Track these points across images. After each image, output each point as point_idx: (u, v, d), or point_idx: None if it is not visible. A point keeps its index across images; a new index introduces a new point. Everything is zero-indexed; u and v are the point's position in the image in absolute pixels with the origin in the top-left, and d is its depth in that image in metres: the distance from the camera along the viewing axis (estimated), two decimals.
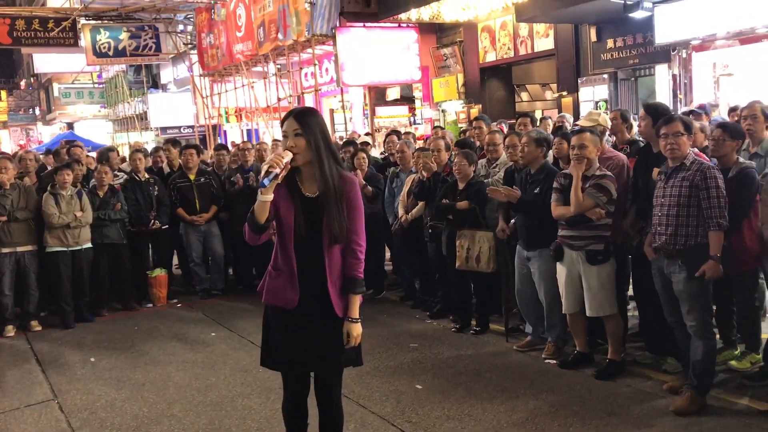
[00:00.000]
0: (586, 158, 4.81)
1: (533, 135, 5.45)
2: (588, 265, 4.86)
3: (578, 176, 4.81)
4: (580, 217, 4.83)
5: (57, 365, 6.07)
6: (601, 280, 4.85)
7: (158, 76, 28.65)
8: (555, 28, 12.55)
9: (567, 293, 5.03)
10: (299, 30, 14.47)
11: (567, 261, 4.98)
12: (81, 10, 19.59)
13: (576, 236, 4.89)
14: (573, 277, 4.97)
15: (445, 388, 4.95)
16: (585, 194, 4.78)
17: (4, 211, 6.96)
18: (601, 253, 4.83)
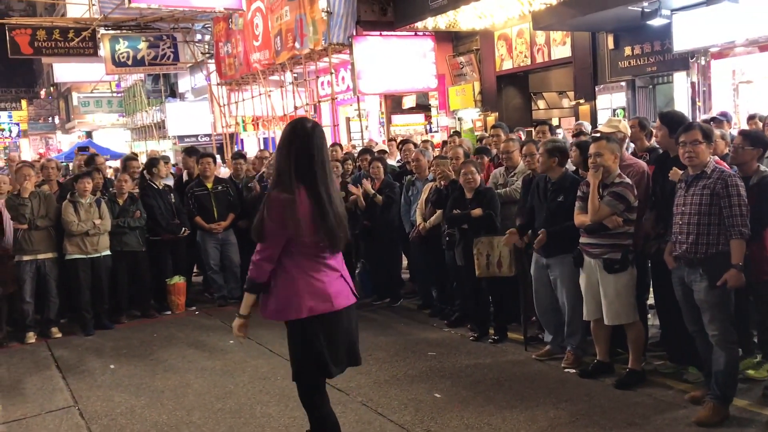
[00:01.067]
0: (603, 166, 4.79)
1: (548, 145, 5.44)
2: (605, 273, 4.83)
3: (595, 184, 4.79)
4: (598, 225, 4.81)
5: (77, 372, 6.12)
6: (617, 289, 4.82)
7: (176, 85, 28.89)
8: (572, 36, 12.51)
9: (587, 300, 5.02)
10: (316, 39, 14.53)
11: (586, 268, 4.97)
12: (101, 20, 19.78)
13: (594, 244, 4.87)
14: (592, 284, 4.94)
15: (463, 396, 4.93)
16: (602, 202, 4.75)
17: (25, 220, 7.04)
18: (618, 261, 4.79)
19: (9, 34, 19.61)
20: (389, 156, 9.84)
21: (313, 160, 3.24)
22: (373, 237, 7.74)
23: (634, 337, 4.93)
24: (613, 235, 4.78)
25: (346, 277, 3.45)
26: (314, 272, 3.30)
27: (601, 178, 4.81)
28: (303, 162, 3.23)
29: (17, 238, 7.10)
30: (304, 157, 3.24)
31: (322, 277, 3.31)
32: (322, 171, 3.25)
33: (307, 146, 3.24)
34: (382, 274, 7.90)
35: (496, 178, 6.51)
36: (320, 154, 3.27)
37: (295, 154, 3.24)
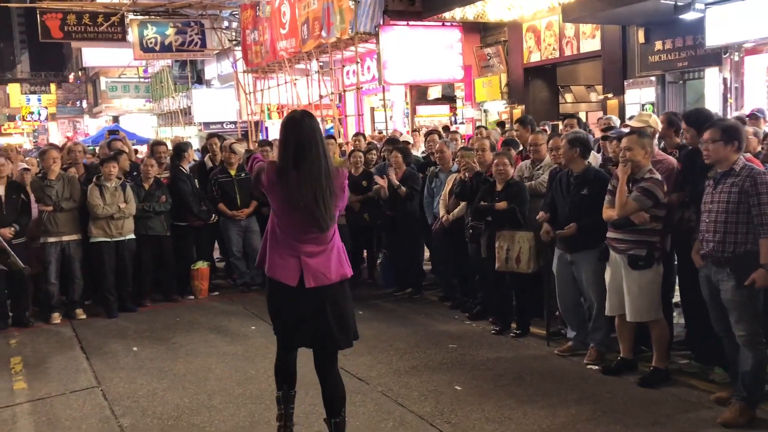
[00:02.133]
0: (632, 161, 4.72)
1: (569, 136, 5.38)
2: (629, 269, 4.77)
3: (623, 179, 4.72)
4: (624, 220, 4.74)
5: (100, 353, 6.19)
6: (641, 286, 4.75)
7: (203, 71, 29.06)
8: (602, 29, 12.35)
9: (610, 295, 4.96)
10: (343, 28, 14.50)
11: (612, 263, 4.91)
12: (129, 5, 19.97)
13: (620, 239, 4.81)
14: (617, 279, 4.88)
15: (484, 390, 4.91)
16: (630, 197, 4.68)
17: (50, 201, 7.12)
18: (643, 258, 4.72)
19: (40, 18, 19.86)
20: (413, 147, 9.80)
21: (301, 147, 3.56)
22: (396, 228, 7.72)
23: (658, 335, 4.87)
24: (640, 231, 4.71)
25: (305, 262, 3.63)
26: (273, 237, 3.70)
27: (631, 172, 4.74)
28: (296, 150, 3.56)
29: (42, 220, 7.19)
30: (295, 143, 3.57)
31: (274, 243, 3.69)
32: (310, 158, 3.55)
33: (298, 135, 3.57)
34: (403, 265, 7.88)
35: (522, 170, 6.45)
36: (309, 141, 3.56)
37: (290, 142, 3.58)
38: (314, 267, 3.63)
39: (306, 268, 3.62)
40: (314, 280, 3.63)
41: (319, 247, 3.65)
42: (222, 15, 21.59)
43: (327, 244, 3.68)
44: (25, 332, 6.97)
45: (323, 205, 3.55)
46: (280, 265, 3.64)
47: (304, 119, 3.61)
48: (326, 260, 3.67)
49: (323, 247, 3.66)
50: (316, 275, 3.63)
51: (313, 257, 3.64)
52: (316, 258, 3.64)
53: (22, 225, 6.96)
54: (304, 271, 3.62)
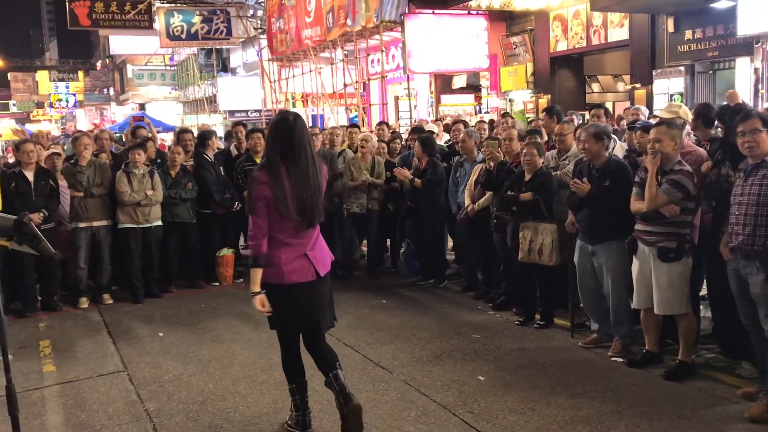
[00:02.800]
0: (662, 152, 4.65)
1: (591, 130, 5.30)
2: (659, 262, 4.72)
3: (653, 171, 4.66)
4: (654, 213, 4.68)
5: (127, 338, 6.28)
6: (671, 279, 4.69)
7: (228, 59, 29.18)
8: (630, 18, 12.18)
9: (638, 288, 4.91)
10: (368, 16, 14.47)
11: (640, 255, 4.85)
12: None
13: (649, 231, 4.74)
14: (645, 272, 4.83)
15: (507, 380, 4.90)
16: (660, 190, 4.62)
17: (81, 187, 7.22)
18: (673, 250, 4.66)
19: (69, 5, 20.08)
20: (437, 136, 9.76)
21: (292, 148, 3.77)
22: (418, 217, 7.71)
23: (686, 328, 4.81)
24: (670, 223, 4.65)
25: (311, 256, 3.89)
26: (276, 248, 3.82)
27: (660, 164, 4.68)
28: (284, 149, 3.77)
29: (73, 206, 7.30)
30: (286, 144, 3.77)
31: (280, 253, 3.82)
32: (299, 157, 3.77)
33: (289, 136, 3.78)
34: (426, 254, 7.87)
35: (548, 160, 6.40)
36: (299, 142, 3.77)
37: (279, 142, 3.78)
38: (318, 257, 3.94)
39: (314, 261, 3.90)
40: (323, 269, 3.95)
41: (312, 238, 3.94)
42: (248, 3, 21.66)
43: (316, 233, 3.98)
44: (53, 316, 7.10)
45: (317, 203, 3.83)
46: (297, 269, 3.85)
47: (293, 123, 3.81)
48: (321, 248, 4.01)
49: (315, 237, 3.97)
50: (323, 263, 3.97)
51: (313, 249, 3.93)
52: (315, 249, 3.95)
53: (50, 210, 7.07)
54: (315, 264, 3.89)
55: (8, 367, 2.63)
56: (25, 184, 6.96)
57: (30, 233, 2.60)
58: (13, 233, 2.56)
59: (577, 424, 4.17)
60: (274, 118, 4.02)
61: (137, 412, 4.62)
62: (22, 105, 57.41)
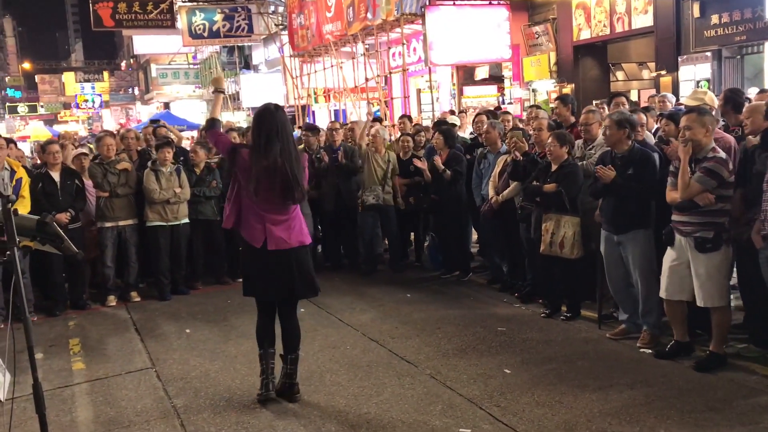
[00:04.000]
0: (693, 140, 4.56)
1: (614, 117, 5.22)
2: (696, 253, 4.62)
3: (685, 159, 4.56)
4: (689, 203, 4.59)
5: (154, 335, 6.34)
6: (708, 270, 4.59)
7: (250, 56, 29.29)
8: (655, 4, 11.97)
9: (671, 279, 4.81)
10: (388, 9, 14.40)
11: (677, 246, 4.75)
12: None
13: (685, 222, 4.65)
14: (681, 263, 4.73)
15: (534, 373, 4.86)
16: (693, 179, 4.53)
17: (107, 187, 7.30)
18: (710, 240, 4.56)
19: (92, 7, 20.30)
20: (460, 128, 9.69)
21: (270, 133, 4.27)
22: (443, 210, 7.67)
23: (720, 320, 4.70)
24: (706, 212, 4.55)
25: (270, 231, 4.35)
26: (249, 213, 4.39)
27: (692, 152, 4.58)
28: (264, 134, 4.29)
29: (99, 206, 7.38)
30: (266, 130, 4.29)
31: (251, 220, 4.39)
32: (276, 141, 4.26)
33: (265, 123, 4.31)
34: (451, 247, 7.83)
35: (574, 151, 6.31)
36: (282, 130, 4.29)
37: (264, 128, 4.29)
38: (276, 234, 4.37)
39: (269, 234, 4.36)
40: (275, 244, 4.37)
41: (281, 216, 4.39)
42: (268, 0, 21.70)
43: (289, 214, 4.44)
44: (82, 314, 7.19)
45: (291, 186, 4.28)
46: (249, 228, 4.40)
47: (271, 110, 4.33)
48: (287, 228, 4.42)
49: (285, 217, 4.41)
50: (278, 241, 4.37)
51: (276, 225, 4.37)
52: (279, 226, 4.38)
53: (77, 210, 7.16)
54: (267, 237, 4.35)
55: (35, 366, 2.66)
56: (51, 185, 7.05)
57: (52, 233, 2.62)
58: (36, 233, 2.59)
59: (605, 416, 4.11)
60: (259, 108, 4.45)
61: (165, 408, 4.66)
62: (49, 106, 58.31)
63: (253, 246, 4.38)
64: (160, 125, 9.83)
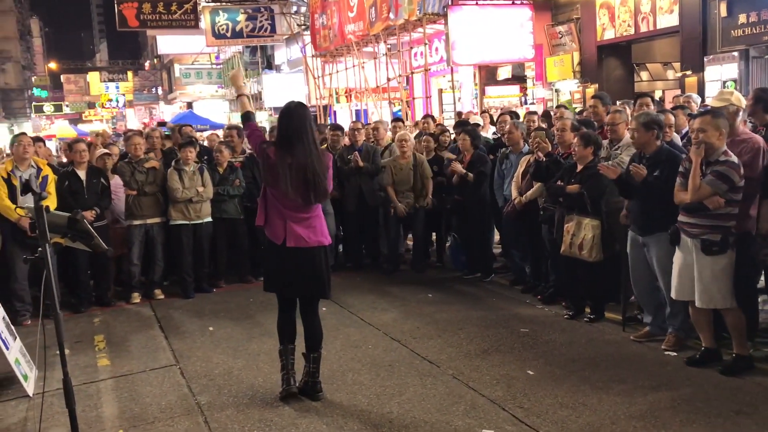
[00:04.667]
0: (706, 142, 4.52)
1: (641, 119, 5.16)
2: (702, 255, 4.58)
3: (697, 161, 4.52)
4: (697, 205, 4.55)
5: (178, 332, 6.39)
6: (714, 272, 4.56)
7: (272, 57, 29.42)
8: (680, 3, 11.84)
9: (680, 280, 4.77)
10: (411, 9, 14.40)
11: (683, 247, 4.72)
12: None
13: (692, 223, 4.61)
14: (687, 264, 4.69)
15: (557, 375, 4.83)
16: (704, 181, 4.49)
17: (135, 185, 7.38)
18: (717, 243, 4.52)
19: (117, 7, 20.53)
20: (483, 129, 9.67)
21: (293, 131, 4.37)
22: (465, 211, 7.65)
23: (733, 322, 4.66)
24: (714, 215, 4.51)
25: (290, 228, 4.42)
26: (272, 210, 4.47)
27: (705, 155, 4.53)
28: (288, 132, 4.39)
29: (128, 204, 7.46)
30: (289, 128, 4.39)
31: (274, 217, 4.46)
32: (299, 140, 4.35)
33: (290, 121, 4.40)
34: (473, 248, 7.81)
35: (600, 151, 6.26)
36: (300, 127, 4.36)
37: (288, 126, 4.39)
38: (297, 231, 4.43)
39: (289, 231, 4.42)
40: (294, 242, 4.43)
41: (302, 214, 4.46)
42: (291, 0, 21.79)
43: (310, 213, 4.50)
44: (107, 311, 7.27)
45: (313, 184, 4.35)
46: (271, 224, 4.47)
47: (296, 109, 4.43)
48: (307, 227, 4.48)
49: (307, 216, 4.48)
50: (297, 238, 4.44)
51: (297, 223, 4.44)
52: (300, 224, 4.45)
53: (102, 208, 7.24)
54: (287, 234, 4.42)
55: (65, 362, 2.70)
56: (77, 183, 7.13)
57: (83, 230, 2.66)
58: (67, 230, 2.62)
59: (630, 419, 4.08)
60: (283, 106, 4.55)
61: (189, 405, 4.70)
62: (74, 106, 59.06)
63: (274, 242, 4.45)
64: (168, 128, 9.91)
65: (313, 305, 4.72)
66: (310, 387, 4.65)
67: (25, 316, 6.88)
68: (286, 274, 4.52)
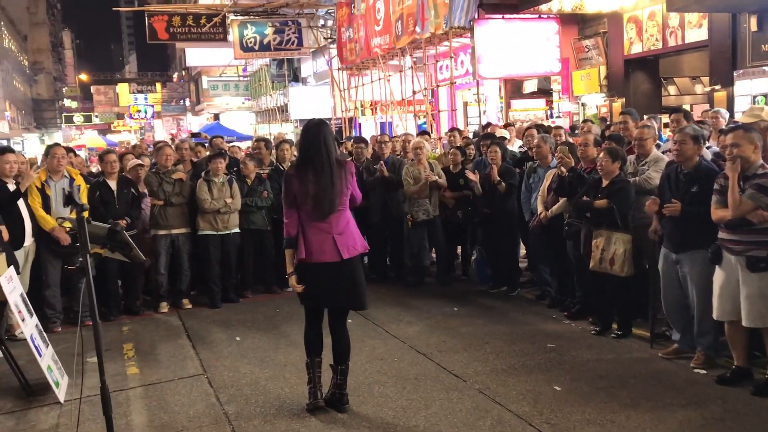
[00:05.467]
0: (741, 157, 4.48)
1: (689, 132, 5.10)
2: (747, 272, 4.51)
3: (734, 177, 4.48)
4: (740, 221, 4.50)
5: (206, 342, 6.45)
6: (762, 289, 4.48)
7: (299, 69, 29.67)
8: (710, 18, 11.75)
9: (722, 299, 4.71)
10: (437, 23, 14.45)
11: (725, 265, 4.66)
12: (231, 6, 20.67)
13: (736, 240, 4.55)
14: (731, 282, 4.63)
15: (585, 391, 4.80)
16: (744, 196, 4.44)
17: (162, 196, 7.49)
18: (763, 260, 4.45)
19: (148, 20, 20.87)
20: (509, 142, 9.66)
21: (313, 149, 4.44)
22: (492, 224, 7.65)
23: None
24: (758, 230, 4.45)
25: (337, 240, 4.45)
26: (307, 231, 4.46)
27: (741, 170, 4.49)
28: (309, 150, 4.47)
29: (154, 214, 7.57)
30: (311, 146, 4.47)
31: (309, 235, 4.45)
32: (319, 157, 4.41)
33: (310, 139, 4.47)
34: (500, 262, 7.79)
35: (628, 166, 6.24)
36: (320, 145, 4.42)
37: (305, 145, 4.50)
38: (344, 242, 4.48)
39: (340, 243, 4.45)
40: (348, 252, 4.49)
41: (340, 225, 4.49)
42: (318, 13, 21.99)
43: (345, 222, 4.54)
44: (135, 320, 7.37)
45: (327, 198, 4.39)
46: (319, 250, 4.43)
47: (312, 128, 4.50)
48: (349, 235, 4.54)
49: (344, 225, 4.52)
50: (349, 248, 4.49)
51: (341, 235, 4.49)
52: (343, 235, 4.50)
53: (133, 218, 7.36)
54: (339, 247, 4.44)
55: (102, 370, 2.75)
56: (108, 193, 7.26)
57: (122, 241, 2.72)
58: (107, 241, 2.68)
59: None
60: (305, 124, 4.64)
61: (217, 414, 4.74)
62: (103, 116, 60.09)
63: (326, 264, 4.43)
64: (202, 138, 10.03)
65: (342, 318, 4.74)
66: (337, 399, 4.66)
67: (55, 323, 7.00)
68: (337, 289, 4.53)
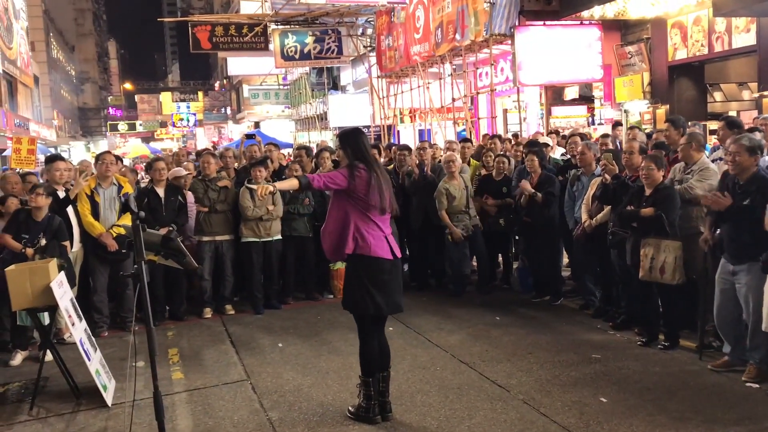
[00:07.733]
0: None
1: (746, 143, 4.96)
2: None
3: None
4: None
5: (249, 348, 6.52)
6: None
7: (338, 77, 29.86)
8: (758, 22, 11.49)
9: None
10: (477, 30, 14.43)
11: None
12: (272, 15, 20.91)
13: None
14: None
15: (631, 403, 4.71)
16: None
17: (207, 203, 7.60)
18: None
19: (191, 30, 21.26)
20: (551, 150, 9.57)
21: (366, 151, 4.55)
22: (534, 233, 7.58)
23: None
24: None
25: (390, 240, 4.56)
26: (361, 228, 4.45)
27: None
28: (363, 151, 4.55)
29: (198, 220, 7.68)
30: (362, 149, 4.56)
31: (365, 232, 4.45)
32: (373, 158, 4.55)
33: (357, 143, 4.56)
34: (542, 271, 7.72)
35: (674, 174, 6.14)
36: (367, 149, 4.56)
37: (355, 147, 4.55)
38: (393, 242, 4.60)
39: (391, 243, 4.57)
40: (398, 252, 4.61)
41: (389, 228, 4.65)
42: (358, 22, 22.12)
43: (390, 227, 4.66)
44: (179, 325, 7.48)
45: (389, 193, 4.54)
46: (378, 246, 4.47)
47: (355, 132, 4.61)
48: (394, 238, 4.68)
49: (390, 229, 4.67)
50: (398, 249, 4.61)
51: (391, 235, 4.62)
52: (391, 236, 4.62)
53: (179, 225, 7.47)
54: (392, 246, 4.55)
55: (155, 374, 2.79)
56: (156, 200, 7.40)
57: (176, 248, 2.77)
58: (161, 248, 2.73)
59: None
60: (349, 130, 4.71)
61: (260, 420, 4.78)
62: (147, 125, 61.32)
63: (383, 260, 4.48)
64: (255, 142, 10.14)
65: (384, 322, 4.80)
66: (380, 406, 4.66)
67: (102, 327, 7.15)
68: (392, 290, 4.56)
